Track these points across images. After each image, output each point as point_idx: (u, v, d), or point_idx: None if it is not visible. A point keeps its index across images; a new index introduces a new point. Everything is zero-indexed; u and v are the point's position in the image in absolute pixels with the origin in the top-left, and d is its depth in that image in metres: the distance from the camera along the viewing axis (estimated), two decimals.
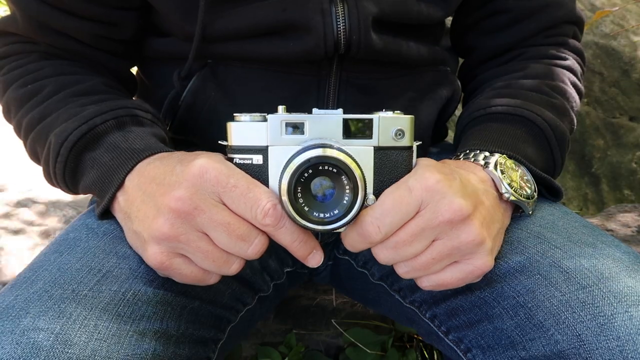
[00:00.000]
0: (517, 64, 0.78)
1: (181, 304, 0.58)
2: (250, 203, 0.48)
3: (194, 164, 0.50)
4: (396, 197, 0.49)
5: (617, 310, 0.50)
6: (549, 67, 0.76)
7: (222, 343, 0.67)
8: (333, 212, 0.48)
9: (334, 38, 0.65)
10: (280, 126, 0.49)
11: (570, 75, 0.77)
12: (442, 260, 0.51)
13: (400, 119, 0.50)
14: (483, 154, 0.61)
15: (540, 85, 0.73)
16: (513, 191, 0.58)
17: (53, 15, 0.66)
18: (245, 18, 0.65)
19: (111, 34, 0.70)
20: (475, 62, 0.84)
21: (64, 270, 0.54)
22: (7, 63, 0.70)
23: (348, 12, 0.65)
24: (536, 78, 0.74)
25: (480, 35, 0.81)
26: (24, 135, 0.66)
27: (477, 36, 0.82)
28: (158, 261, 0.51)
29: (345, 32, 0.65)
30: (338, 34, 0.65)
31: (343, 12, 0.65)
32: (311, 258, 0.52)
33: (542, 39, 0.79)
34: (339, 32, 0.65)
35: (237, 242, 0.49)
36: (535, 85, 0.73)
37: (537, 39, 0.79)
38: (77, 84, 0.67)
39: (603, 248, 0.57)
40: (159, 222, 0.50)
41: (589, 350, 0.49)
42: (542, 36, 0.79)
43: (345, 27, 0.65)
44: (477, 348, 0.60)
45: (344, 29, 0.65)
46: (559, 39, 0.80)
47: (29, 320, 0.48)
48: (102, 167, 0.58)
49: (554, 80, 0.74)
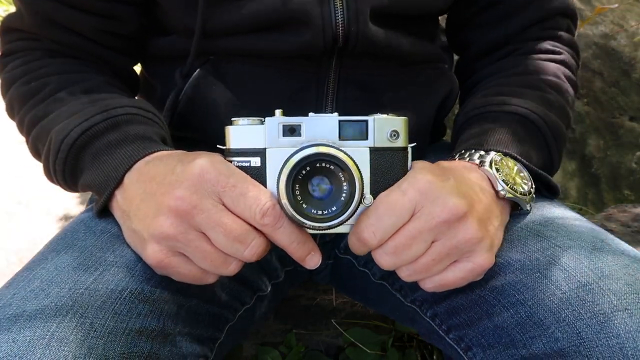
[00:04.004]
0: (512, 60, 0.78)
1: (178, 302, 0.58)
2: (249, 203, 0.48)
3: (194, 164, 0.50)
4: (389, 200, 0.50)
5: (617, 308, 0.50)
6: (544, 63, 0.76)
7: (220, 342, 0.67)
8: (331, 209, 0.48)
9: (333, 30, 0.66)
10: (278, 129, 0.50)
11: (565, 70, 0.77)
12: (442, 260, 0.52)
13: (395, 120, 0.51)
14: (478, 153, 0.61)
15: (535, 81, 0.73)
16: (509, 188, 0.58)
17: (58, 9, 0.67)
18: (245, 11, 0.66)
19: (114, 28, 0.71)
20: (471, 58, 0.84)
21: (61, 268, 0.54)
22: (11, 60, 0.71)
23: (346, 3, 0.66)
24: (531, 74, 0.74)
25: (476, 29, 0.82)
26: (26, 132, 0.67)
27: (472, 31, 0.82)
28: (157, 260, 0.52)
29: (344, 24, 0.66)
30: (336, 26, 0.66)
31: (342, 3, 0.66)
32: (309, 260, 0.52)
33: (536, 32, 0.79)
34: (338, 24, 0.66)
35: (234, 244, 0.49)
36: (530, 81, 0.73)
37: (532, 32, 0.79)
38: (80, 82, 0.67)
39: (603, 246, 0.57)
40: (158, 221, 0.50)
41: (589, 348, 0.49)
42: (536, 29, 0.79)
43: (343, 19, 0.66)
44: (478, 346, 0.60)
45: (342, 21, 0.66)
46: (553, 32, 0.80)
47: (26, 318, 0.48)
48: (101, 165, 0.58)
49: (549, 75, 0.74)
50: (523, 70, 0.76)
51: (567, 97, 0.74)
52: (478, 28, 0.81)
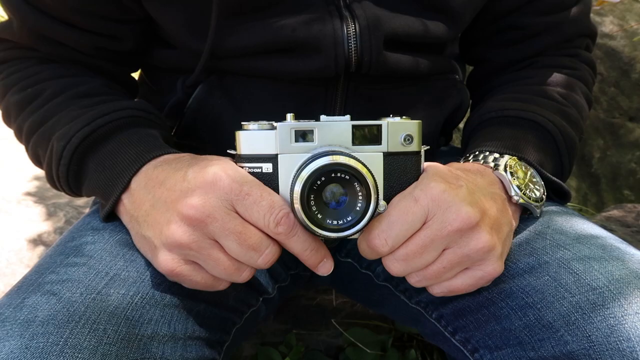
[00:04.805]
0: (530, 71, 0.78)
1: (188, 307, 0.57)
2: (263, 211, 0.48)
3: (207, 171, 0.49)
4: (402, 208, 0.49)
5: (627, 311, 0.50)
6: (562, 76, 0.76)
7: (227, 345, 0.67)
8: (346, 219, 0.48)
9: (345, 58, 0.64)
10: (290, 134, 0.49)
11: (582, 86, 0.77)
12: (453, 268, 0.52)
13: (409, 124, 0.51)
14: (493, 156, 0.61)
15: (552, 93, 0.73)
16: (522, 194, 0.57)
17: (52, 27, 0.65)
18: (255, 36, 0.64)
19: (112, 46, 0.69)
20: (487, 72, 0.83)
21: (71, 273, 0.53)
22: (6, 68, 0.69)
23: (360, 32, 0.63)
24: (549, 85, 0.74)
25: (492, 48, 0.81)
26: (25, 139, 0.66)
27: (488, 49, 0.81)
28: (169, 268, 0.51)
29: (357, 52, 0.64)
30: (349, 54, 0.64)
31: (355, 32, 0.63)
32: (321, 266, 0.52)
33: (555, 51, 0.79)
34: (351, 52, 0.64)
35: (248, 252, 0.49)
36: (547, 92, 0.73)
37: (550, 51, 0.78)
38: (78, 86, 0.66)
39: (612, 249, 0.57)
40: (171, 229, 0.49)
41: (599, 352, 0.49)
42: (555, 48, 0.78)
43: (357, 47, 0.64)
44: (485, 348, 0.60)
45: (355, 49, 0.64)
46: (572, 50, 0.79)
47: (38, 324, 0.47)
48: (106, 169, 0.58)
49: (566, 89, 0.74)
50: (540, 81, 0.75)
51: (582, 113, 0.74)
52: (494, 47, 0.80)
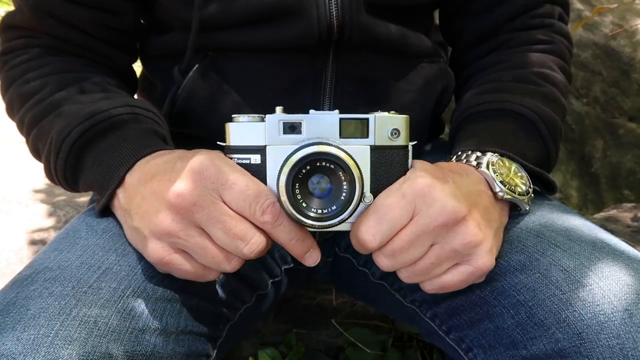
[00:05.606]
0: (503, 53, 0.78)
1: (180, 300, 0.58)
2: (249, 200, 0.49)
3: (194, 161, 0.50)
4: (389, 203, 0.50)
5: (617, 308, 0.50)
6: (536, 55, 0.76)
7: (221, 341, 0.67)
8: (331, 208, 0.48)
9: (327, 20, 0.67)
10: (278, 126, 0.50)
11: (558, 60, 0.77)
12: (442, 263, 0.52)
13: (396, 118, 0.51)
14: (475, 155, 0.61)
15: (527, 75, 0.73)
16: (507, 189, 0.58)
17: (56, 2, 0.68)
18: (240, 3, 0.67)
19: (112, 22, 0.72)
20: (463, 48, 0.84)
21: (64, 267, 0.54)
22: (11, 59, 0.71)
23: None
24: (523, 67, 0.74)
25: (466, 17, 0.82)
26: (26, 132, 0.67)
27: (463, 19, 0.82)
28: (158, 257, 0.52)
29: (338, 14, 0.67)
30: (331, 16, 0.67)
31: None
32: (308, 257, 0.52)
33: (526, 21, 0.78)
34: (332, 14, 0.67)
35: (234, 240, 0.49)
36: (522, 75, 0.73)
37: (522, 20, 0.78)
38: (80, 81, 0.67)
39: (603, 246, 0.57)
40: (159, 217, 0.50)
41: (589, 349, 0.49)
42: (526, 17, 0.78)
43: (337, 9, 0.67)
44: (479, 347, 0.60)
45: (336, 11, 0.67)
46: (544, 20, 0.79)
47: (30, 317, 0.48)
48: (102, 164, 0.59)
49: (542, 67, 0.74)
50: (515, 63, 0.75)
51: (561, 89, 0.74)
52: (468, 16, 0.81)
